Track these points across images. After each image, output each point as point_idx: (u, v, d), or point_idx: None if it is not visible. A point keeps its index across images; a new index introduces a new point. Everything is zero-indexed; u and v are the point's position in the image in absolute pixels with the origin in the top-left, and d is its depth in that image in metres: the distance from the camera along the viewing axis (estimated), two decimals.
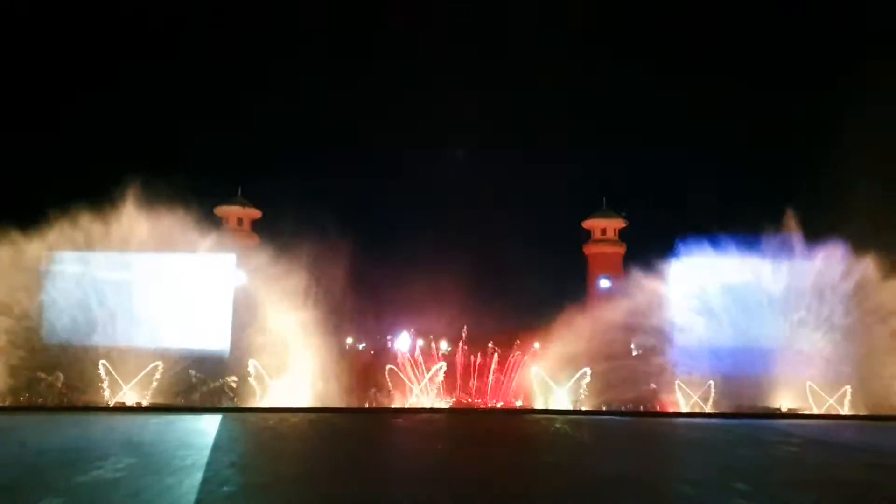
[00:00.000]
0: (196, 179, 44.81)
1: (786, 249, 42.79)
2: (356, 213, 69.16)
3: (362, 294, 46.73)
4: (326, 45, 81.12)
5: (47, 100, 66.01)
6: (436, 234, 59.47)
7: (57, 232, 41.52)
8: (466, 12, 77.30)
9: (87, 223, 41.61)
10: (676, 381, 41.94)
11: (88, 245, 42.11)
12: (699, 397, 41.22)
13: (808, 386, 40.61)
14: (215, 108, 75.61)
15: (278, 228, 46.64)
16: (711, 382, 41.11)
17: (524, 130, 77.59)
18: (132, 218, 42.06)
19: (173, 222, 42.51)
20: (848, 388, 39.96)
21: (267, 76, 77.80)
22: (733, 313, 42.97)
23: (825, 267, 42.06)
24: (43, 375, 39.92)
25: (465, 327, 47.54)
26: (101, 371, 39.81)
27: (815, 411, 39.81)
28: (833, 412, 39.67)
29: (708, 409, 40.68)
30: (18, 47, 65.27)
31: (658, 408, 41.70)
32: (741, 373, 41.29)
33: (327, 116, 79.31)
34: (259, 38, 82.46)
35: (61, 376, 39.99)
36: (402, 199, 73.38)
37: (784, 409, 40.14)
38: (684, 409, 41.20)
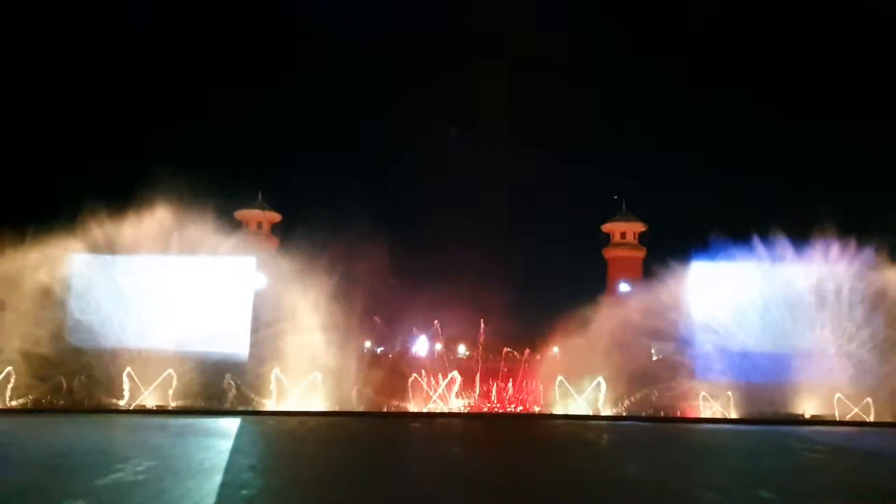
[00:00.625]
0: (216, 183, 45.00)
1: (810, 253, 42.23)
2: (377, 215, 69.16)
3: (381, 297, 46.67)
4: (349, 44, 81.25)
5: (71, 102, 67.04)
6: (455, 237, 59.29)
7: (77, 235, 41.92)
8: (497, 17, 77.68)
9: (108, 226, 41.99)
10: (698, 386, 41.44)
11: (108, 248, 42.49)
12: (721, 403, 40.70)
13: (836, 397, 39.88)
14: (235, 111, 76.22)
15: (298, 232, 46.81)
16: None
17: (543, 132, 77.60)
18: (152, 221, 42.39)
19: (194, 226, 42.84)
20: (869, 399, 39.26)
21: (288, 77, 78.41)
22: (756, 318, 42.47)
23: (852, 271, 41.44)
24: (64, 378, 40.28)
25: (483, 331, 47.29)
26: (123, 374, 40.12)
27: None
28: (858, 419, 39.04)
29: (731, 415, 40.19)
30: (25, 54, 66.37)
31: (679, 413, 41.27)
32: (764, 378, 40.77)
33: (351, 117, 80.00)
34: (278, 41, 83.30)
35: (83, 379, 40.32)
36: (423, 201, 73.39)
37: (808, 416, 39.57)
38: (706, 414, 40.74)
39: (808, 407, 40.20)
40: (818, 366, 40.68)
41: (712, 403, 40.88)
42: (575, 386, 42.33)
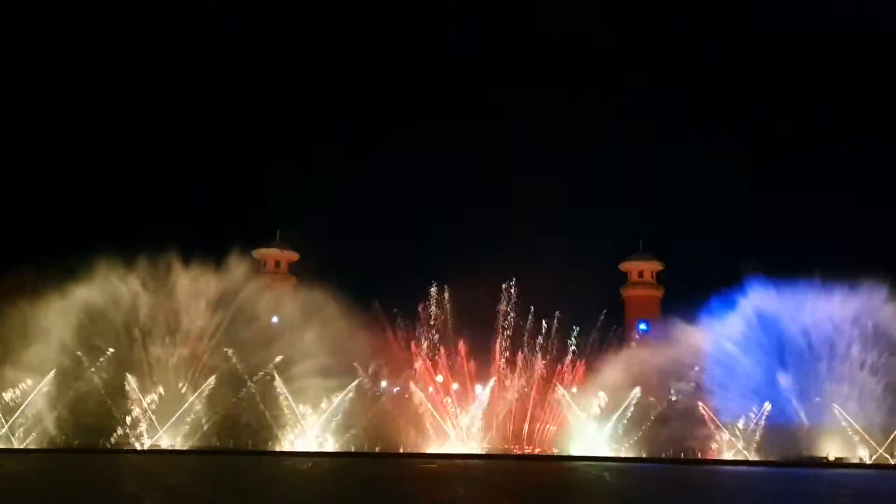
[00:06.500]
0: (236, 223, 45.95)
1: (829, 294, 41.92)
2: (394, 255, 69.94)
3: (398, 338, 46.75)
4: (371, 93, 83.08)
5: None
6: (470, 273, 59.11)
7: (106, 282, 42.89)
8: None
9: (132, 275, 43.14)
10: (718, 427, 40.84)
11: (134, 295, 43.61)
12: (743, 445, 40.07)
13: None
14: (253, 153, 77.64)
15: (315, 271, 47.37)
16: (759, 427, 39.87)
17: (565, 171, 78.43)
18: (176, 266, 43.58)
19: (215, 267, 43.91)
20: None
21: (307, 123, 79.97)
22: (777, 359, 42.01)
23: (868, 309, 40.99)
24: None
25: (500, 372, 46.80)
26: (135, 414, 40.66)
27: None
28: (883, 462, 38.25)
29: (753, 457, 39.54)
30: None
31: (699, 455, 40.61)
32: (786, 420, 40.12)
33: (370, 162, 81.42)
34: (299, 87, 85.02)
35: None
36: (437, 245, 73.88)
37: (831, 458, 38.79)
38: (726, 456, 40.08)
39: (831, 449, 39.45)
40: (841, 408, 39.99)
41: (733, 445, 40.25)
42: (593, 426, 42.02)
